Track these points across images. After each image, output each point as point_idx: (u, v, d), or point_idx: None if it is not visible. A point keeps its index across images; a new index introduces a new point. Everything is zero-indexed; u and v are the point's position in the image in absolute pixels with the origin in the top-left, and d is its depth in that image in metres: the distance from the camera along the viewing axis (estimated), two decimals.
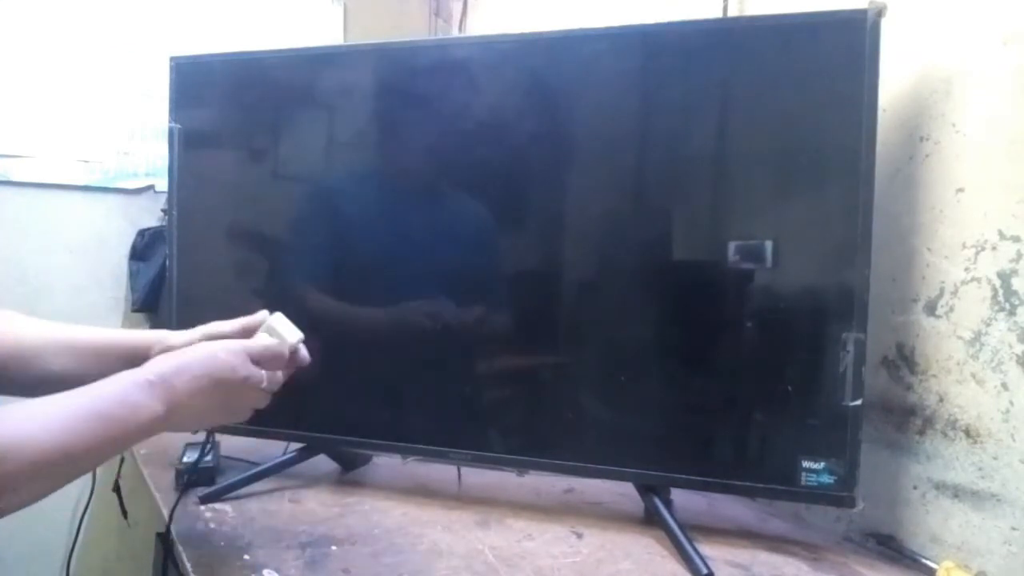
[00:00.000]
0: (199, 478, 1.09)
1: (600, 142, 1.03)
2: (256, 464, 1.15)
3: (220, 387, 0.77)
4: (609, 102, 1.02)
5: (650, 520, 1.01)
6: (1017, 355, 0.85)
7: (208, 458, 1.11)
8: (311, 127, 1.18)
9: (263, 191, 1.22)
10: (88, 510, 1.69)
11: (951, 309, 0.92)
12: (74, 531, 1.70)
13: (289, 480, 1.14)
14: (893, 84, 0.95)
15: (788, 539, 1.01)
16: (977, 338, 0.89)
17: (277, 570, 0.85)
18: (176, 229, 1.19)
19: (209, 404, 0.77)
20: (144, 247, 1.77)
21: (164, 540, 1.04)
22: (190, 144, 1.18)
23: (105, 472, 1.56)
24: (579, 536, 0.99)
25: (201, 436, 1.19)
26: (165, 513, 1.01)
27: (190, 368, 0.75)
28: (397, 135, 1.13)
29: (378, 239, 1.14)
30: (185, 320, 1.19)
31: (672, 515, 0.97)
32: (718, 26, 1.06)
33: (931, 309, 0.94)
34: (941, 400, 0.93)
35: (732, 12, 1.19)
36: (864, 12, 0.86)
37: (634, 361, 1.01)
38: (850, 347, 0.88)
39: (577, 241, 1.07)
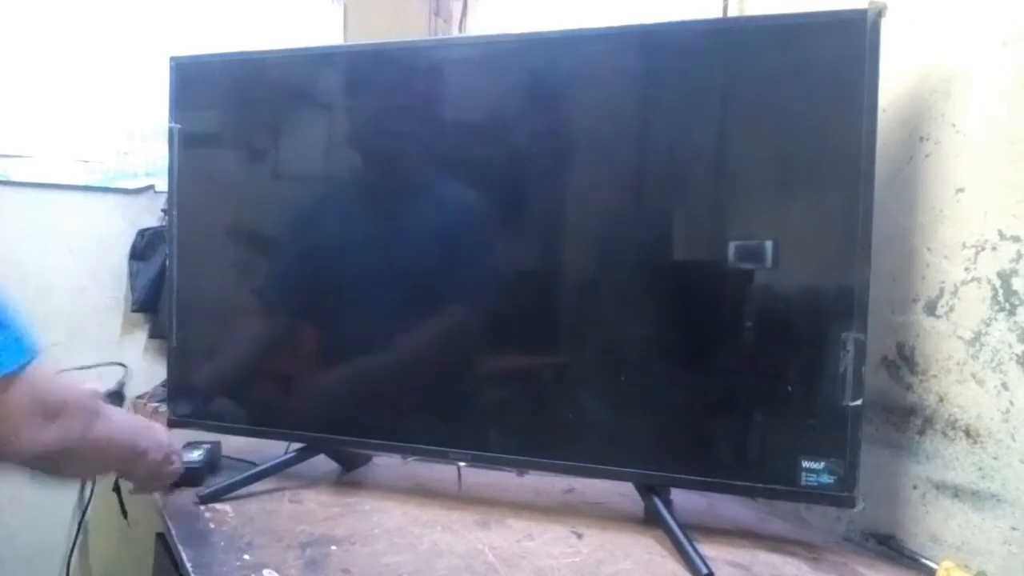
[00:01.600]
0: (190, 478, 1.10)
1: (600, 142, 1.03)
2: (256, 464, 1.15)
3: (162, 458, 1.00)
4: (609, 102, 1.02)
5: (650, 520, 1.01)
6: (1017, 355, 0.85)
7: (196, 456, 1.14)
8: (311, 127, 1.18)
9: (263, 191, 1.22)
10: (88, 510, 1.69)
11: (951, 309, 0.92)
12: (74, 531, 1.70)
13: (289, 480, 1.14)
14: (893, 84, 0.95)
15: (788, 539, 1.01)
16: (977, 338, 0.89)
17: (277, 570, 0.85)
18: (176, 229, 1.19)
19: (152, 463, 0.99)
20: (144, 247, 1.77)
21: (164, 540, 1.04)
22: (190, 144, 1.18)
23: None
24: (579, 536, 0.99)
25: (202, 435, 1.19)
26: (165, 513, 1.02)
27: (157, 428, 1.02)
28: (397, 135, 1.13)
29: (377, 239, 1.14)
30: (185, 320, 1.19)
31: (672, 515, 0.97)
32: (718, 26, 1.06)
33: (931, 309, 0.94)
34: (941, 400, 0.93)
35: (732, 12, 1.19)
36: (864, 12, 0.86)
37: (634, 361, 1.01)
38: (850, 347, 0.88)
39: (578, 241, 1.07)
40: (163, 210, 1.71)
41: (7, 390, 0.74)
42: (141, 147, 1.76)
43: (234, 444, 1.21)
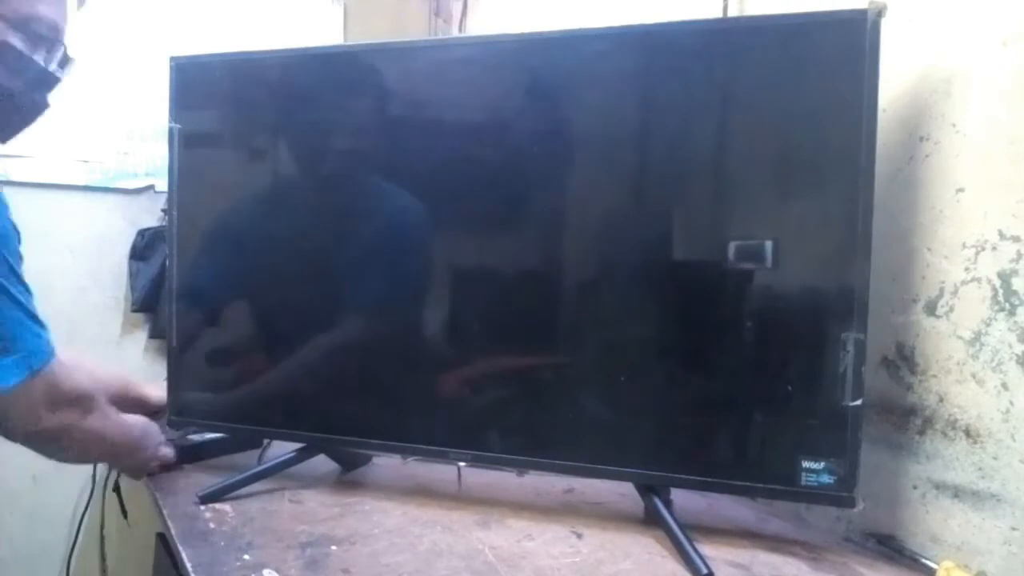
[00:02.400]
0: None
1: (600, 142, 1.03)
2: (256, 464, 1.15)
3: (144, 457, 1.13)
4: (609, 102, 1.02)
5: (650, 520, 1.01)
6: (1017, 355, 0.85)
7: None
8: (311, 127, 1.17)
9: (263, 191, 1.22)
10: (88, 510, 1.69)
11: (951, 309, 0.92)
12: (74, 531, 1.70)
13: (289, 480, 1.14)
14: (893, 84, 0.95)
15: (788, 539, 1.01)
16: (977, 338, 0.89)
17: (277, 570, 0.85)
18: (176, 229, 1.19)
19: (134, 459, 1.13)
20: (144, 247, 1.77)
21: (164, 540, 1.04)
22: (190, 144, 1.18)
23: (105, 472, 1.56)
24: (579, 536, 0.99)
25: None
26: (165, 513, 1.02)
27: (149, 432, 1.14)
28: (397, 135, 1.13)
29: (378, 239, 1.14)
30: (184, 320, 1.19)
31: (672, 515, 0.97)
32: (718, 26, 1.06)
33: (931, 309, 0.94)
34: (941, 400, 0.93)
35: (732, 12, 1.19)
36: (864, 12, 0.86)
37: (634, 361, 1.01)
38: (850, 347, 0.88)
39: (578, 241, 1.07)
40: (163, 210, 1.71)
41: (33, 383, 0.91)
42: (141, 147, 1.77)
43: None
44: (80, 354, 1.07)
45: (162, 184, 1.58)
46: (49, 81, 0.98)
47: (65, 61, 0.99)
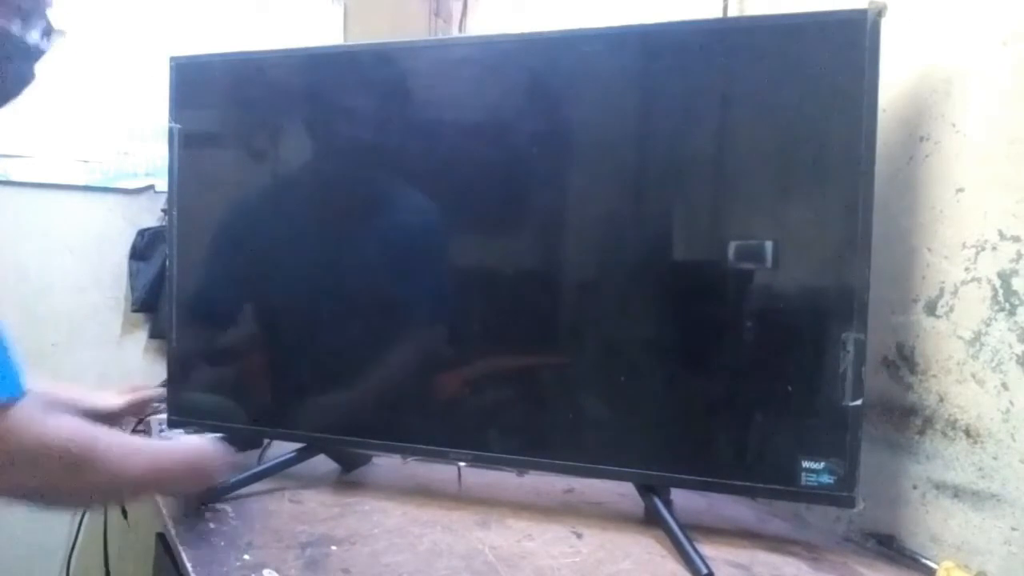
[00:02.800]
0: None
1: (600, 142, 1.03)
2: (256, 464, 1.15)
3: (194, 475, 0.96)
4: (609, 102, 1.02)
5: (650, 520, 1.01)
6: (1017, 355, 0.85)
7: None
8: (311, 127, 1.18)
9: (263, 191, 1.22)
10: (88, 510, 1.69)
11: (951, 309, 0.92)
12: (74, 531, 1.70)
13: (289, 480, 1.14)
14: (893, 84, 0.95)
15: (788, 539, 1.01)
16: (977, 338, 0.89)
17: (277, 570, 0.85)
18: (176, 229, 1.19)
19: (183, 482, 0.96)
20: (144, 247, 1.77)
21: (164, 540, 1.04)
22: (190, 144, 1.18)
23: None
24: (579, 536, 0.99)
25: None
26: (165, 513, 1.02)
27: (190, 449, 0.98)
28: (396, 135, 1.13)
29: (377, 237, 1.14)
30: (185, 320, 1.20)
31: (672, 515, 0.97)
32: (718, 26, 1.06)
33: (931, 309, 0.94)
34: (941, 400, 0.93)
35: (732, 12, 1.19)
36: (864, 12, 0.86)
37: (634, 361, 1.01)
38: (850, 347, 0.88)
39: (578, 241, 1.07)
40: (163, 210, 1.71)
41: None
42: (141, 147, 1.76)
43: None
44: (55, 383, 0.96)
45: (162, 184, 1.57)
46: (30, 53, 0.92)
47: (48, 31, 0.95)
